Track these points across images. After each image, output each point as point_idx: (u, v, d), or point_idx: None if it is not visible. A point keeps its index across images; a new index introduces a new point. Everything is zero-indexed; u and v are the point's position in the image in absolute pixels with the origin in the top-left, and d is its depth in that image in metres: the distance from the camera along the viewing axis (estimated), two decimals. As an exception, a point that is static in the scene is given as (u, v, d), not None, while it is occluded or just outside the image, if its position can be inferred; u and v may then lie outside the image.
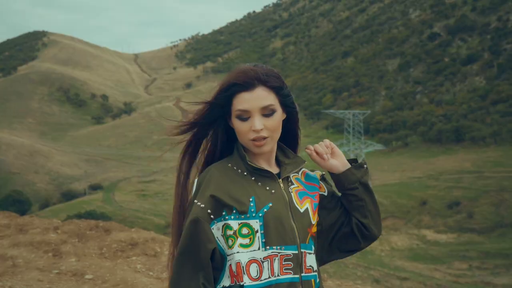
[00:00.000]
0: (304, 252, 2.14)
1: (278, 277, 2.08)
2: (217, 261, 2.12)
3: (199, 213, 2.11)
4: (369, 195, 2.29)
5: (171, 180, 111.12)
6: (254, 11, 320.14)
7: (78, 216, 42.38)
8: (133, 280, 5.34)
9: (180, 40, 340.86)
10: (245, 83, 2.11)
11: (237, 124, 2.14)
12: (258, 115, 2.11)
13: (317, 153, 2.29)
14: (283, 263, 2.09)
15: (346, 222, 2.30)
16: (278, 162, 2.28)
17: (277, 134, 2.18)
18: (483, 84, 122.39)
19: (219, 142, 2.27)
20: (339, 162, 2.29)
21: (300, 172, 2.30)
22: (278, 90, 2.15)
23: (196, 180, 2.23)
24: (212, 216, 2.11)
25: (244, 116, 2.11)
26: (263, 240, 2.09)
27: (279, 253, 2.09)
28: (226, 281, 2.12)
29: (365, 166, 2.30)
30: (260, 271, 2.08)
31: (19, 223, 7.03)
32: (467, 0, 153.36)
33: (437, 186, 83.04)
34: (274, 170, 2.24)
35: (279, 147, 2.30)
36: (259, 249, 2.09)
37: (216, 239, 2.11)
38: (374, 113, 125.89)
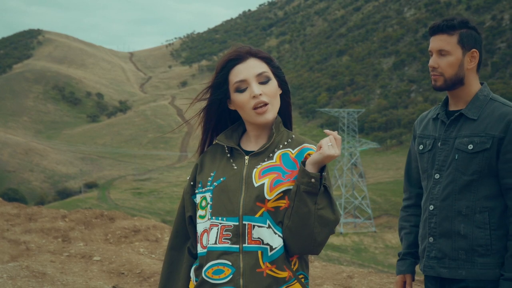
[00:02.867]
0: (249, 224, 2.19)
1: (215, 245, 2.22)
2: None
3: (185, 188, 2.43)
4: (299, 205, 2.17)
5: (166, 178, 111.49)
6: (249, 10, 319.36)
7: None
8: (138, 261, 5.77)
9: (175, 38, 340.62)
10: (238, 56, 2.30)
11: (237, 98, 2.29)
12: (254, 82, 2.27)
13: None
14: (224, 233, 2.21)
15: None
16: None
17: (277, 103, 2.32)
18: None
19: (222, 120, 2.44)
20: (316, 161, 2.18)
21: (296, 148, 2.33)
22: (269, 61, 2.34)
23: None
24: (194, 189, 2.39)
25: (242, 87, 2.27)
26: (210, 211, 2.27)
27: (220, 223, 2.22)
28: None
29: (313, 180, 2.14)
30: (208, 240, 2.26)
31: (28, 212, 7.45)
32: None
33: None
34: (256, 147, 2.35)
35: (278, 127, 2.37)
36: (208, 219, 2.28)
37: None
38: (368, 111, 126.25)
